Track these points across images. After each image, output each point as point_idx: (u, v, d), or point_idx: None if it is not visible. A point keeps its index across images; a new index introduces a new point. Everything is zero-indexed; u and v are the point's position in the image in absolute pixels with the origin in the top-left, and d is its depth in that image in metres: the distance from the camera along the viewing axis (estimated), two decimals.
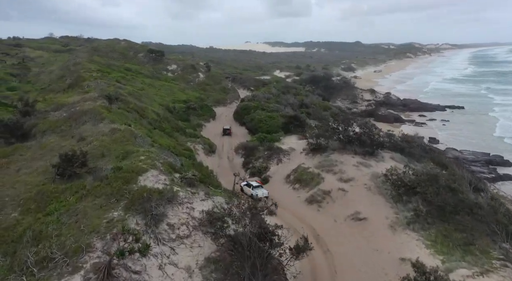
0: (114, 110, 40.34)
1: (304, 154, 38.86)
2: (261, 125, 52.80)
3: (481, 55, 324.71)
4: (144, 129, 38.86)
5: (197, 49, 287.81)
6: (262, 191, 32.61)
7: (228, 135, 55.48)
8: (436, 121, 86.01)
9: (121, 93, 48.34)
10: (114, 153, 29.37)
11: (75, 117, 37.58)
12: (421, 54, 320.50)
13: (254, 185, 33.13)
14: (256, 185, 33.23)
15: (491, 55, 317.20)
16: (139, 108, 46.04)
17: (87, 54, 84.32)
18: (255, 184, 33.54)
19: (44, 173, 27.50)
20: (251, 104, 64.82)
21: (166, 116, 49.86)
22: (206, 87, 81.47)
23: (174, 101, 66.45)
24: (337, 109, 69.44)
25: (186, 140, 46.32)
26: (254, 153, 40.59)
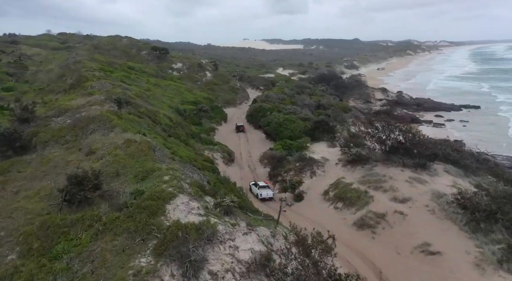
0: (124, 115, 35.25)
1: (340, 166, 34.04)
2: (282, 130, 47.88)
3: (480, 52, 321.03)
4: (160, 138, 33.83)
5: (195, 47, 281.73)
6: (267, 191, 32.30)
7: (242, 132, 55.09)
8: (454, 121, 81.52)
9: (129, 96, 43.19)
10: (131, 171, 24.41)
11: (81, 125, 32.45)
12: (421, 52, 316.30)
13: (260, 185, 33.08)
14: (262, 185, 33.10)
15: (490, 53, 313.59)
16: (151, 113, 40.95)
17: (87, 52, 78.79)
18: (261, 184, 33.47)
19: (48, 197, 22.49)
20: (266, 106, 59.87)
21: (179, 121, 44.81)
22: (214, 87, 76.32)
23: (182, 102, 61.34)
24: (356, 111, 64.62)
25: (203, 147, 41.35)
26: (283, 164, 35.70)
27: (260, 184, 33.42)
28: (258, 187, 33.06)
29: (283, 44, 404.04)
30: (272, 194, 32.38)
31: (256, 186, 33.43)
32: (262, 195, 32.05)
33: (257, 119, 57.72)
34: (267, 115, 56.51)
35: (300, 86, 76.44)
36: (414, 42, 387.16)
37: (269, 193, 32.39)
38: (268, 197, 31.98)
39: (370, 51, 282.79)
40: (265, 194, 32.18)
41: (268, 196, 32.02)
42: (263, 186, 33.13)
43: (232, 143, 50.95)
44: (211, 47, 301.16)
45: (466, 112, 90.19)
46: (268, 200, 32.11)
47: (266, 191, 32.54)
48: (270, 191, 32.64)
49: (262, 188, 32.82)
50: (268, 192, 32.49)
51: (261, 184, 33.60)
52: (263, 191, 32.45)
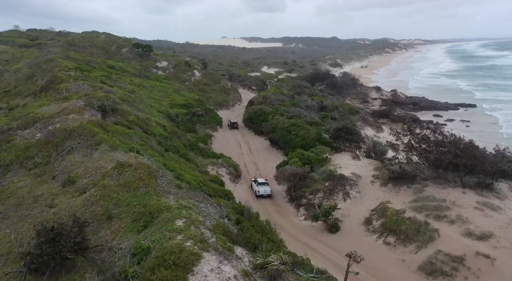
0: (111, 127, 27.76)
1: (378, 185, 27.78)
2: (292, 137, 41.29)
3: (455, 50, 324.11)
4: (157, 155, 26.61)
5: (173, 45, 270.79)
6: (264, 188, 31.50)
7: (236, 128, 53.37)
8: (455, 121, 77.09)
9: (115, 100, 35.54)
10: (128, 212, 17.30)
11: (55, 141, 24.83)
12: (398, 50, 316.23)
13: (258, 182, 32.11)
14: (261, 182, 32.18)
15: (464, 51, 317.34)
16: (142, 121, 33.50)
17: (61, 49, 69.63)
18: (260, 180, 32.43)
19: (6, 259, 15.18)
20: (267, 109, 53.15)
21: (174, 130, 37.45)
22: (204, 87, 68.88)
23: (172, 106, 53.81)
24: (364, 113, 58.81)
25: (206, 162, 34.27)
26: (308, 183, 29.11)
27: (259, 181, 32.32)
28: (257, 183, 31.98)
29: (262, 42, 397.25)
30: (270, 191, 31.52)
31: (255, 182, 32.36)
32: (259, 192, 31.19)
33: (257, 123, 50.92)
34: (268, 119, 49.83)
35: (298, 85, 70.17)
36: (390, 40, 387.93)
37: (267, 190, 31.42)
38: (266, 194, 31.18)
39: (349, 49, 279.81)
40: (263, 191, 31.25)
41: (266, 193, 31.20)
42: (262, 183, 32.05)
43: (233, 152, 44.05)
44: (190, 45, 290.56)
45: (463, 111, 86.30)
46: (266, 197, 31.19)
47: (264, 188, 31.53)
48: (268, 188, 31.66)
49: (260, 185, 31.76)
50: (266, 189, 31.50)
51: (260, 180, 32.43)
52: (261, 188, 31.44)
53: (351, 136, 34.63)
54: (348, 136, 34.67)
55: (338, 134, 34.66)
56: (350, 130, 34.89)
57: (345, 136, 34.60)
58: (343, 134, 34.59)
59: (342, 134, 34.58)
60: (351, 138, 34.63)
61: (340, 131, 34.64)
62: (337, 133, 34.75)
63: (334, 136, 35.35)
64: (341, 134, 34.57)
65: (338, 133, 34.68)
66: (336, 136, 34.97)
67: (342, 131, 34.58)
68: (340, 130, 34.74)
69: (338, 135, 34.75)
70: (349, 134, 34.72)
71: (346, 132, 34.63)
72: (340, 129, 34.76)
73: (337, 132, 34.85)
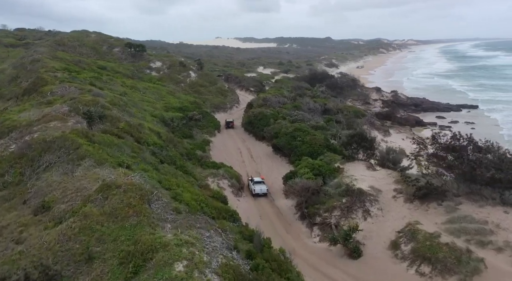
0: (97, 137, 24.00)
1: (402, 201, 24.39)
2: (297, 144, 37.82)
3: (449, 50, 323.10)
4: (151, 169, 22.93)
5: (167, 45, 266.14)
6: (260, 187, 31.25)
7: (231, 128, 52.33)
8: (459, 123, 74.22)
9: (103, 105, 31.74)
10: (114, 251, 13.66)
11: (31, 155, 21.04)
12: (392, 50, 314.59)
13: (255, 181, 31.90)
14: (257, 181, 31.88)
15: (457, 51, 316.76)
16: (133, 128, 29.75)
17: (48, 48, 65.42)
18: (256, 179, 32.14)
19: None
20: (268, 112, 49.62)
21: (169, 137, 33.72)
22: (200, 89, 65.15)
23: (167, 109, 50.08)
24: (371, 115, 55.53)
25: (205, 173, 30.64)
26: (321, 199, 25.60)
27: (255, 180, 32.01)
28: (253, 182, 31.67)
29: (256, 43, 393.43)
30: (266, 189, 31.23)
31: (252, 181, 32.06)
32: (255, 191, 30.81)
33: (258, 128, 47.37)
34: (270, 123, 46.34)
35: (299, 87, 66.76)
36: (384, 40, 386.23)
37: (262, 188, 31.11)
38: (261, 193, 30.86)
39: (343, 49, 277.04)
40: (259, 189, 30.94)
41: (261, 192, 30.90)
42: (257, 182, 31.70)
43: (233, 159, 40.47)
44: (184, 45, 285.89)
45: (466, 113, 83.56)
46: (262, 195, 30.81)
47: (260, 186, 31.20)
48: (264, 186, 31.35)
49: (256, 184, 31.45)
50: (262, 187, 31.18)
51: (256, 179, 32.10)
52: (257, 187, 31.10)
53: (365, 144, 31.14)
54: (362, 143, 31.21)
55: (352, 141, 31.15)
56: (364, 137, 31.43)
57: (359, 143, 31.12)
58: (356, 141, 31.11)
59: (355, 141, 31.10)
60: (365, 146, 31.14)
61: (353, 138, 31.15)
62: (350, 140, 31.24)
63: (347, 144, 31.87)
64: (354, 141, 31.08)
65: (351, 141, 31.16)
66: (349, 144, 31.48)
67: (355, 138, 31.09)
68: (353, 137, 31.26)
69: (351, 143, 31.24)
70: (363, 141, 31.27)
71: (359, 139, 31.16)
72: (354, 136, 31.29)
73: (350, 140, 31.35)
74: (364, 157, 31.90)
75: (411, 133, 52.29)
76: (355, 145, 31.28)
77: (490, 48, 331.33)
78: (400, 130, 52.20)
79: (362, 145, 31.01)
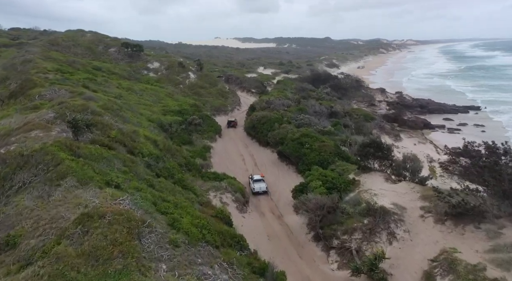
0: (83, 149, 20.75)
1: (432, 222, 21.22)
2: (306, 151, 34.65)
3: (449, 51, 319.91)
4: (144, 186, 19.70)
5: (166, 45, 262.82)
6: (259, 185, 31.00)
7: (233, 127, 51.72)
8: (468, 126, 71.08)
9: (94, 111, 28.47)
10: None
11: (3, 172, 17.80)
12: (392, 50, 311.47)
13: (254, 179, 31.73)
14: (256, 179, 31.67)
15: (458, 51, 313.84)
16: (127, 137, 26.51)
17: (41, 48, 62.14)
18: (256, 177, 32.01)
19: None
20: (272, 115, 46.44)
21: (167, 145, 30.47)
22: (200, 91, 61.90)
23: (165, 112, 46.86)
24: (380, 119, 52.35)
25: (207, 186, 27.42)
26: (338, 218, 22.41)
27: (255, 178, 31.83)
28: (253, 180, 31.48)
29: (255, 43, 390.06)
30: (265, 187, 30.94)
31: (252, 179, 31.94)
32: (255, 189, 30.61)
33: (262, 133, 44.18)
34: (274, 127, 43.17)
35: (302, 88, 63.56)
36: (383, 40, 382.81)
37: (262, 187, 30.84)
38: (261, 191, 30.56)
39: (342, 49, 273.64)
40: (258, 187, 30.75)
41: (261, 190, 30.61)
42: (257, 180, 31.49)
43: (236, 167, 37.33)
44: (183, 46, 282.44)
45: (473, 115, 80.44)
46: (261, 194, 30.48)
47: (259, 185, 30.97)
48: (263, 185, 31.09)
49: (256, 182, 31.19)
50: (261, 185, 30.93)
51: (256, 177, 31.95)
52: (256, 185, 30.88)
53: (381, 153, 27.95)
54: (377, 152, 28.02)
55: (367, 151, 27.95)
56: (380, 145, 28.23)
57: (375, 153, 27.93)
58: (372, 150, 27.90)
59: (371, 150, 27.89)
60: (381, 155, 27.96)
61: (369, 147, 27.94)
62: (366, 149, 28.04)
63: (362, 154, 28.67)
64: (370, 150, 27.86)
65: (366, 150, 27.96)
66: (364, 153, 28.28)
67: (371, 147, 27.88)
68: (368, 146, 28.05)
69: (366, 152, 28.04)
70: (379, 150, 28.08)
71: (375, 148, 27.96)
72: (369, 145, 28.07)
73: (365, 149, 28.15)
74: (380, 167, 28.70)
75: (423, 138, 49.17)
76: (371, 155, 28.03)
77: (488, 48, 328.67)
78: (411, 135, 49.08)
79: (377, 155, 27.76)
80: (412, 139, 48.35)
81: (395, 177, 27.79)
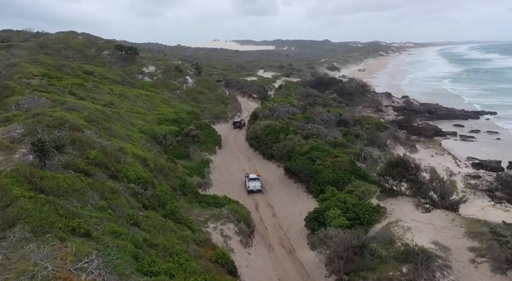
0: (48, 179, 16.28)
1: (488, 269, 16.85)
2: (318, 169, 30.22)
3: (449, 53, 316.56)
4: (124, 231, 15.25)
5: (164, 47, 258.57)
6: (254, 183, 31.50)
7: (239, 128, 51.13)
8: (481, 132, 66.74)
9: (75, 126, 23.95)
10: None
11: None
12: (392, 53, 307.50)
13: (250, 177, 32.22)
14: (252, 177, 32.20)
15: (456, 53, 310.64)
16: (110, 158, 22.01)
17: (28, 51, 57.70)
18: (252, 176, 32.55)
19: None
20: (276, 125, 42.03)
21: (159, 165, 25.95)
22: (198, 97, 57.48)
23: (159, 121, 42.43)
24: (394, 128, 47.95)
25: (205, 215, 22.94)
26: (370, 264, 17.98)
27: (251, 176, 32.49)
28: (249, 179, 32.09)
29: (254, 45, 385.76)
30: (260, 186, 31.63)
31: (247, 178, 32.51)
32: (249, 187, 31.30)
33: (266, 144, 39.77)
34: (280, 138, 38.77)
35: (307, 94, 59.23)
36: (382, 43, 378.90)
37: (256, 185, 31.50)
38: (256, 189, 31.29)
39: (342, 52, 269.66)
40: (253, 186, 31.40)
41: (255, 188, 31.34)
42: (252, 178, 32.12)
43: (237, 185, 32.93)
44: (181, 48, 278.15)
45: (484, 121, 76.17)
46: (256, 192, 31.08)
47: (254, 183, 31.63)
48: (258, 183, 31.74)
49: (251, 180, 31.89)
50: (256, 184, 31.58)
51: (252, 176, 32.57)
52: (251, 183, 31.55)
53: (409, 174, 23.51)
54: (405, 173, 23.60)
55: (396, 172, 23.49)
56: (408, 166, 23.81)
57: (403, 174, 23.51)
58: (399, 172, 23.47)
59: (401, 171, 23.44)
60: (410, 177, 23.51)
61: (398, 167, 23.49)
62: (394, 170, 23.60)
63: (388, 174, 24.23)
64: (400, 172, 23.41)
65: (395, 171, 23.51)
66: (393, 174, 23.83)
67: (400, 167, 23.43)
68: (396, 166, 23.61)
69: (395, 173, 23.59)
70: (407, 172, 23.68)
71: (403, 169, 23.53)
72: (397, 165, 23.64)
73: (393, 169, 23.70)
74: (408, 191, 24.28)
75: (441, 148, 44.80)
76: (398, 177, 23.59)
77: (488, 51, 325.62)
78: (428, 145, 44.73)
79: (406, 177, 23.33)
80: (429, 150, 44.00)
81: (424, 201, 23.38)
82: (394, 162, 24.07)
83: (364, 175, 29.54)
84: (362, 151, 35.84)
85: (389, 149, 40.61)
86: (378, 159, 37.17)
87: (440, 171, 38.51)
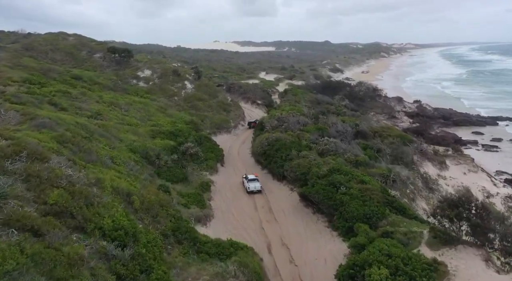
0: None
1: None
2: (343, 199, 24.43)
3: (450, 54, 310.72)
4: None
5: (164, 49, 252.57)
6: (254, 184, 31.03)
7: (253, 128, 48.27)
8: (504, 141, 61.14)
9: (36, 153, 18.09)
10: None
11: None
12: (393, 54, 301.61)
13: (249, 178, 31.62)
14: (251, 178, 31.65)
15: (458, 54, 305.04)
16: (78, 199, 16.12)
17: (12, 54, 51.86)
18: (251, 177, 31.97)
19: None
20: (287, 138, 36.28)
21: (146, 202, 20.07)
22: (197, 104, 51.64)
23: (154, 134, 36.64)
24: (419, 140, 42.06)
25: (206, 276, 17.11)
26: None
27: (250, 177, 31.75)
28: (248, 180, 31.35)
29: (254, 46, 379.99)
30: (259, 187, 30.89)
31: (246, 179, 31.67)
32: (250, 188, 30.54)
33: (276, 162, 33.96)
34: (292, 156, 32.96)
35: (318, 101, 53.40)
36: (383, 44, 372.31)
37: (256, 186, 30.87)
38: (256, 190, 30.53)
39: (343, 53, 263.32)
40: (253, 187, 30.69)
41: (256, 189, 30.65)
42: (252, 179, 31.43)
43: (244, 215, 27.13)
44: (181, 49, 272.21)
45: (504, 127, 70.44)
46: (256, 193, 30.26)
47: (254, 184, 30.94)
48: (258, 184, 31.08)
49: (251, 181, 31.21)
50: (256, 185, 30.93)
51: (250, 177, 31.82)
52: (251, 184, 30.85)
53: (474, 217, 17.69)
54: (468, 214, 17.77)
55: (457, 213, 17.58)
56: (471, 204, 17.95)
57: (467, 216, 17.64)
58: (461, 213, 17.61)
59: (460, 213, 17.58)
60: (475, 222, 17.70)
61: (457, 208, 17.62)
62: (452, 212, 17.72)
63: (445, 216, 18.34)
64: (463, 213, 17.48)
65: (456, 212, 17.60)
66: (449, 216, 17.97)
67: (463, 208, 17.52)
68: (456, 206, 17.73)
69: (452, 218, 17.72)
70: (469, 211, 17.86)
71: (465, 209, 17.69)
72: (456, 205, 17.76)
73: (451, 210, 17.82)
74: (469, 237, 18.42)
75: (473, 164, 38.91)
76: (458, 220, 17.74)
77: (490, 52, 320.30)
78: (458, 160, 38.84)
79: (471, 222, 17.46)
80: (461, 167, 38.14)
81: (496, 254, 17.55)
82: (453, 200, 18.17)
83: (401, 208, 23.80)
84: (391, 172, 30.07)
85: (417, 166, 34.82)
86: (407, 181, 31.43)
87: (476, 192, 32.89)
